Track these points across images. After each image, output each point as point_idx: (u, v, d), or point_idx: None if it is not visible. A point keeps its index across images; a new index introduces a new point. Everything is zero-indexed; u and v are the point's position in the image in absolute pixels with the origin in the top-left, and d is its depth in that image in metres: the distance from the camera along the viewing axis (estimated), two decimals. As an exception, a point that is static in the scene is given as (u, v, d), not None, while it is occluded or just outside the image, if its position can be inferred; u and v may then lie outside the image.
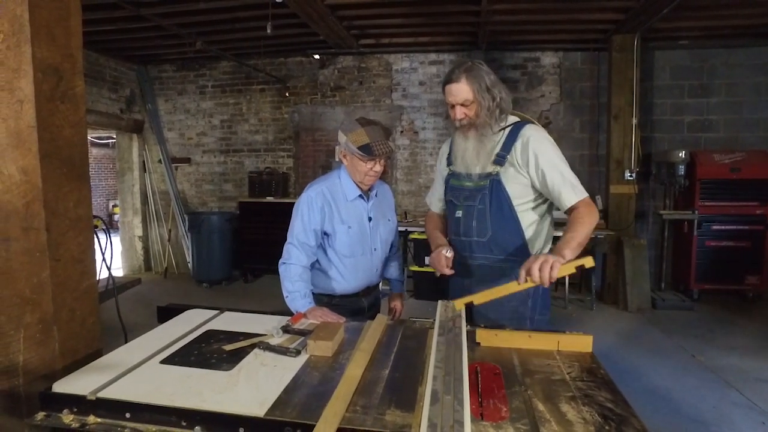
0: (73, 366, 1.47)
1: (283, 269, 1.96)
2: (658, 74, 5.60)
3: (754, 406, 3.12)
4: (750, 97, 5.52)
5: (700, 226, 5.13)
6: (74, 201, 1.57)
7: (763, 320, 4.73)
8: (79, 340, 1.58)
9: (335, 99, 6.46)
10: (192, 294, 5.71)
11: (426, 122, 6.29)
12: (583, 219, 1.68)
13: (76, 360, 1.54)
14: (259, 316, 1.83)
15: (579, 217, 1.69)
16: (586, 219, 1.68)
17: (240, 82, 6.60)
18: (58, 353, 1.48)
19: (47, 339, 1.47)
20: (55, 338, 1.48)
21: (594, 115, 5.73)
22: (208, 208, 6.82)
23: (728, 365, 3.71)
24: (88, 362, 1.40)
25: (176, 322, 1.72)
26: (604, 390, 1.29)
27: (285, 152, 6.65)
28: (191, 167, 6.88)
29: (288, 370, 1.33)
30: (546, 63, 5.86)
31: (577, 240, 1.62)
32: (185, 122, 6.84)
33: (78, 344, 1.57)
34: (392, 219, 2.22)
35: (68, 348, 1.53)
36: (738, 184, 5.08)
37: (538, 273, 1.48)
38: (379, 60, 6.31)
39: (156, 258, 6.98)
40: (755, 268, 5.17)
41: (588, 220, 1.68)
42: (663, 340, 4.24)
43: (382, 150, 1.89)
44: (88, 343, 1.63)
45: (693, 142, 5.53)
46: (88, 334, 1.63)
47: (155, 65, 6.81)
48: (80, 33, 1.63)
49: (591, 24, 4.95)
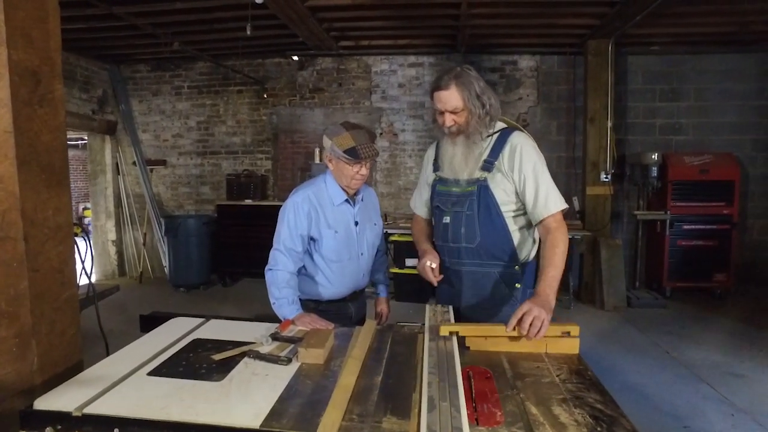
0: (53, 381, 1.42)
1: (269, 276, 1.93)
2: (631, 78, 5.76)
3: (725, 400, 3.23)
4: (717, 102, 5.73)
5: (672, 225, 5.30)
6: (53, 209, 1.51)
7: (730, 316, 4.91)
8: (59, 353, 1.53)
9: (314, 101, 6.43)
10: (169, 299, 5.59)
11: (405, 124, 6.31)
12: (557, 245, 1.69)
13: (56, 374, 1.48)
14: (245, 324, 1.80)
15: (553, 245, 1.70)
16: (560, 245, 1.69)
17: (217, 83, 6.50)
18: (37, 368, 1.43)
19: (25, 353, 1.41)
20: (33, 352, 1.43)
21: (570, 117, 5.85)
22: (184, 211, 6.69)
23: (700, 360, 3.84)
24: (69, 376, 1.36)
25: (161, 331, 1.68)
26: (593, 391, 1.32)
27: (263, 154, 6.57)
28: (167, 169, 6.73)
29: (280, 379, 1.32)
30: (523, 66, 5.96)
31: (558, 278, 1.66)
32: (160, 123, 6.70)
33: (58, 357, 1.52)
34: (378, 223, 2.22)
35: (48, 362, 1.48)
36: (706, 186, 5.27)
37: (528, 327, 1.49)
38: (359, 62, 6.30)
39: (131, 263, 6.80)
40: (723, 266, 5.36)
41: (561, 247, 1.69)
42: (639, 338, 4.36)
43: (368, 153, 1.88)
44: (69, 356, 1.57)
45: (664, 145, 5.71)
46: (69, 347, 1.58)
47: (128, 65, 6.64)
48: (59, 35, 1.58)
49: (567, 29, 5.06)
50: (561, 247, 1.69)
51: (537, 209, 1.75)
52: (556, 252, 1.68)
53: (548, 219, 1.73)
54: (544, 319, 1.50)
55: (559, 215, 1.75)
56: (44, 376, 1.45)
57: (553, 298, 1.61)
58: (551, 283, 1.63)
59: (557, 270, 1.66)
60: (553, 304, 1.58)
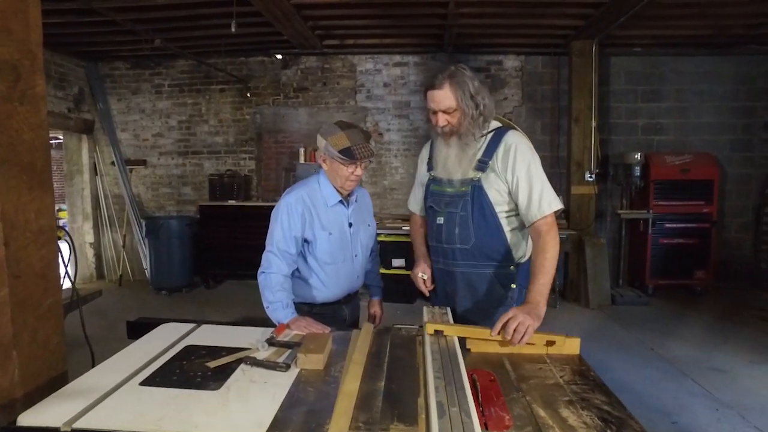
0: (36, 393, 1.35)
1: (262, 279, 1.88)
2: (614, 79, 5.84)
3: (709, 394, 3.29)
4: (695, 103, 5.86)
5: (654, 224, 5.39)
6: (35, 211, 1.44)
7: (711, 312, 5.02)
8: (42, 363, 1.45)
9: (298, 100, 6.35)
10: (151, 302, 5.45)
11: (391, 124, 6.29)
12: (547, 250, 1.67)
13: (38, 386, 1.41)
14: (239, 329, 1.75)
15: (543, 251, 1.68)
16: (549, 251, 1.67)
17: (199, 82, 6.37)
18: (18, 380, 1.35)
19: (5, 365, 1.33)
20: (14, 363, 1.35)
21: (555, 117, 5.90)
22: (165, 212, 6.54)
23: (683, 356, 3.91)
24: (53, 388, 1.28)
25: (151, 338, 1.61)
26: (599, 392, 1.31)
27: (247, 154, 6.47)
28: (147, 170, 6.57)
29: (280, 386, 1.27)
30: (508, 66, 5.99)
31: (549, 285, 1.65)
32: (140, 123, 6.53)
33: (40, 368, 1.44)
34: (372, 224, 2.19)
35: (30, 373, 1.40)
36: (687, 185, 5.38)
37: (512, 333, 1.47)
38: (343, 61, 6.25)
39: (109, 265, 6.62)
40: (703, 263, 5.48)
41: (551, 252, 1.67)
42: (624, 335, 4.42)
43: (364, 153, 1.85)
44: (52, 366, 1.50)
45: (646, 145, 5.81)
46: (52, 356, 1.50)
47: (106, 62, 6.46)
48: (40, 27, 1.50)
49: (552, 29, 5.10)
50: (551, 252, 1.67)
51: (530, 212, 1.73)
52: (546, 258, 1.66)
53: (539, 222, 1.72)
54: (529, 326, 1.48)
55: (550, 218, 1.73)
56: (26, 389, 1.37)
57: (543, 305, 1.59)
58: (541, 289, 1.62)
59: (547, 276, 1.64)
60: (542, 311, 1.57)
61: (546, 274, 1.65)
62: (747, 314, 4.93)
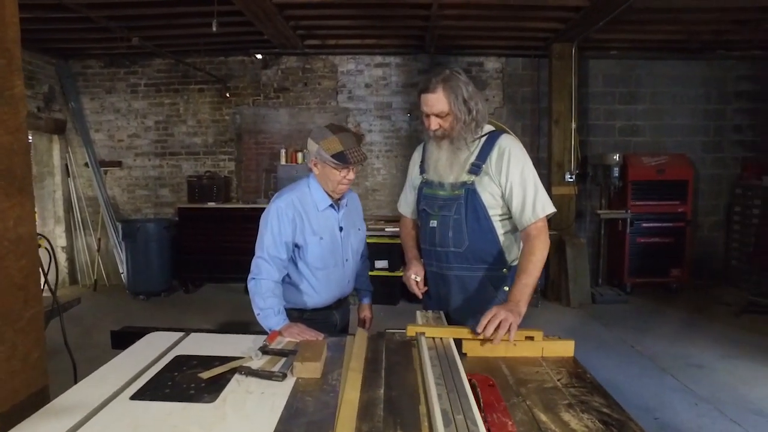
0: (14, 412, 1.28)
1: (252, 285, 1.84)
2: (592, 81, 5.95)
3: (688, 390, 3.38)
4: (669, 106, 6.01)
5: (632, 224, 5.51)
6: (15, 219, 1.37)
7: (686, 309, 5.16)
8: (21, 379, 1.38)
9: (279, 100, 6.27)
10: (128, 307, 5.30)
11: (372, 125, 6.27)
12: (534, 254, 1.69)
13: (16, 404, 1.34)
14: (229, 337, 1.70)
15: (531, 252, 1.70)
16: (538, 253, 1.69)
17: (176, 81, 6.22)
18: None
19: (-17, 380, 1.27)
20: (-8, 379, 1.29)
21: (535, 119, 5.98)
22: (142, 215, 6.37)
23: (662, 353, 4.01)
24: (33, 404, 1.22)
25: (138, 348, 1.56)
26: (597, 395, 1.32)
27: (226, 155, 6.36)
28: (123, 171, 6.39)
29: (277, 396, 1.24)
30: (489, 68, 6.04)
31: (532, 286, 1.67)
32: (115, 123, 6.34)
33: (19, 384, 1.38)
34: (362, 228, 2.17)
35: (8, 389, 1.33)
36: (663, 185, 5.52)
37: (493, 331, 1.49)
38: (324, 61, 6.20)
39: (83, 270, 6.41)
40: (678, 261, 5.64)
41: (538, 255, 1.70)
42: (605, 333, 4.50)
43: (357, 157, 1.83)
44: (32, 382, 1.43)
45: (623, 146, 5.93)
46: (33, 371, 1.44)
47: (78, 60, 6.25)
48: (17, 24, 1.44)
49: (533, 32, 5.16)
50: (537, 255, 1.69)
51: (524, 215, 1.75)
52: (532, 260, 1.68)
53: (531, 226, 1.74)
54: (511, 323, 1.50)
55: (541, 222, 1.75)
56: (4, 407, 1.30)
57: (524, 304, 1.62)
58: (523, 289, 1.64)
59: (531, 278, 1.66)
60: (523, 310, 1.59)
61: (529, 275, 1.67)
62: (720, 311, 5.08)
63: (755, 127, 6.05)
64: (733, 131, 6.07)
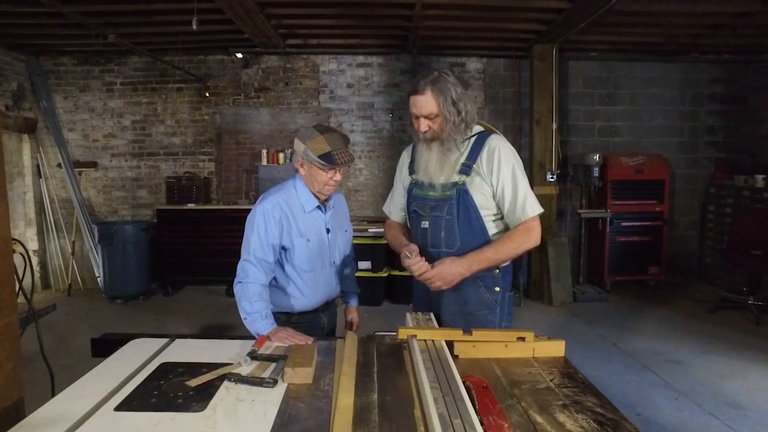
0: (-10, 424, 1.22)
1: (239, 289, 1.80)
2: (572, 82, 6.04)
3: (668, 385, 3.46)
4: (647, 107, 6.15)
5: (612, 223, 5.61)
6: (-12, 222, 1.31)
7: (664, 306, 5.28)
8: (-4, 389, 1.32)
9: (260, 100, 6.19)
10: (105, 312, 5.16)
11: (354, 125, 6.24)
12: (512, 239, 1.76)
13: (-9, 417, 1.28)
14: (215, 342, 1.66)
15: (510, 236, 1.77)
16: (516, 240, 1.76)
17: (154, 80, 6.08)
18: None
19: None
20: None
21: (516, 119, 6.03)
22: (119, 217, 6.20)
23: (643, 349, 4.09)
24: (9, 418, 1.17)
25: (121, 356, 1.50)
26: (589, 394, 1.32)
27: (206, 156, 6.25)
28: (98, 172, 6.21)
29: (269, 403, 1.21)
30: (471, 69, 6.07)
31: (491, 261, 1.74)
32: (90, 122, 6.17)
33: (-6, 396, 1.32)
34: (349, 229, 2.15)
35: (-17, 401, 1.27)
36: (641, 185, 5.64)
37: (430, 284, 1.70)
38: (306, 61, 6.15)
39: (56, 274, 6.21)
40: (656, 259, 5.76)
41: (517, 242, 1.76)
42: (587, 331, 4.57)
43: (344, 158, 1.80)
44: (7, 394, 1.37)
45: (603, 146, 6.04)
46: (7, 383, 1.37)
47: (50, 57, 6.06)
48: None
49: (515, 33, 5.20)
50: (516, 242, 1.75)
51: (515, 214, 1.77)
52: (505, 242, 1.75)
53: (521, 225, 1.76)
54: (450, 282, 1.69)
55: (532, 220, 1.77)
56: (-21, 420, 1.24)
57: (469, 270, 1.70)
58: (480, 258, 1.72)
59: (495, 255, 1.73)
60: (467, 273, 1.70)
61: (496, 252, 1.74)
62: (695, 307, 5.21)
63: (727, 129, 6.23)
64: (707, 132, 6.24)
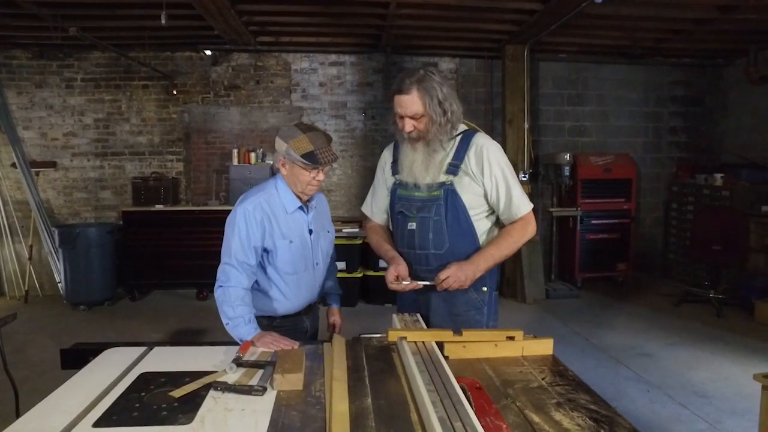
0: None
1: (220, 293, 1.72)
2: (542, 83, 6.15)
3: (640, 378, 3.56)
4: (614, 107, 6.33)
5: (582, 221, 5.75)
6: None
7: (632, 301, 5.45)
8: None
9: (230, 99, 6.05)
10: (67, 320, 4.91)
11: (327, 124, 6.17)
12: (512, 234, 1.80)
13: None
14: (197, 349, 1.60)
15: (508, 232, 1.80)
16: (515, 235, 1.80)
17: (118, 77, 5.84)
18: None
19: None
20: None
21: (488, 119, 6.10)
22: (81, 219, 5.93)
23: (615, 344, 4.20)
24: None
25: (95, 367, 1.41)
26: (581, 392, 1.33)
27: (174, 155, 6.05)
28: (58, 172, 5.92)
29: (260, 412, 1.16)
30: (444, 68, 6.09)
31: (496, 259, 1.78)
32: (47, 120, 5.87)
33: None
34: (331, 230, 2.10)
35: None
36: (610, 183, 5.81)
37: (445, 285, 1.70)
38: (277, 59, 6.04)
39: (12, 280, 5.87)
40: (623, 256, 5.94)
41: (517, 237, 1.80)
42: (560, 328, 4.66)
43: (328, 158, 1.76)
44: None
45: (572, 146, 6.18)
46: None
47: (1, 50, 5.73)
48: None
49: (487, 33, 5.26)
50: (515, 237, 1.78)
51: (510, 211, 1.77)
52: (506, 238, 1.78)
53: (519, 221, 1.78)
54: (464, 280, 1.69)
55: (527, 215, 1.78)
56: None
57: (482, 269, 1.74)
58: (486, 257, 1.75)
59: (498, 251, 1.76)
60: (477, 274, 1.73)
61: (498, 248, 1.77)
62: (661, 301, 5.41)
63: (688, 130, 6.49)
64: (669, 133, 6.48)
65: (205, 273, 5.53)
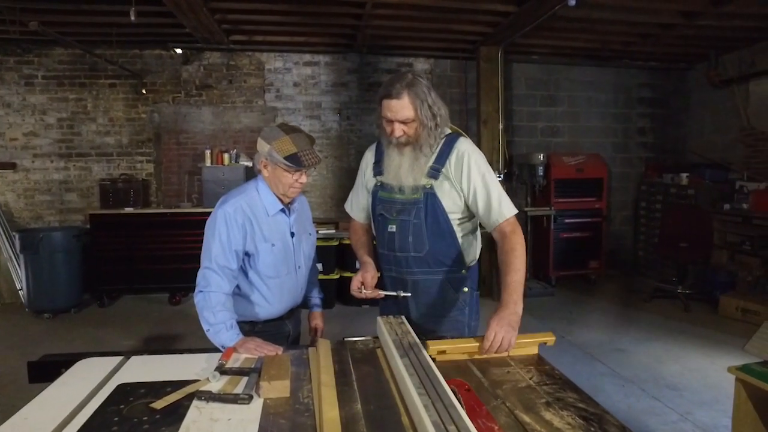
0: None
1: (200, 299, 1.67)
2: (515, 84, 6.25)
3: (615, 373, 3.65)
4: (584, 108, 6.48)
5: (556, 220, 5.86)
6: None
7: (604, 298, 5.59)
8: None
9: (202, 98, 5.91)
10: (30, 328, 4.68)
11: (302, 125, 6.09)
12: (516, 251, 1.66)
13: None
14: (177, 357, 1.54)
15: (512, 249, 1.66)
16: (518, 248, 1.67)
17: (83, 75, 5.63)
18: None
19: None
20: None
21: (463, 120, 6.15)
22: (44, 223, 5.69)
23: (590, 340, 4.29)
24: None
25: (69, 380, 1.34)
26: (569, 390, 1.35)
27: (144, 156, 5.87)
28: (18, 174, 5.66)
29: (247, 421, 1.12)
30: (418, 69, 6.11)
31: (521, 282, 1.64)
32: (5, 119, 5.60)
33: None
34: (312, 233, 2.07)
35: None
36: (582, 183, 5.94)
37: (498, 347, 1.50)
38: (251, 58, 5.94)
39: (-32, 288, 5.59)
40: (596, 254, 6.09)
41: (520, 250, 1.66)
42: (537, 326, 4.72)
43: (311, 160, 1.72)
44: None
45: (545, 146, 6.29)
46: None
47: (-48, 44, 5.46)
48: None
49: (461, 35, 5.29)
50: (519, 250, 1.67)
51: (492, 216, 1.73)
52: (516, 255, 1.65)
53: (503, 224, 1.72)
54: (512, 338, 1.51)
55: (513, 219, 1.75)
56: None
57: (520, 305, 1.59)
58: (515, 287, 1.61)
59: (519, 274, 1.63)
60: (519, 313, 1.58)
61: (517, 271, 1.62)
62: (632, 298, 5.56)
63: (654, 130, 6.70)
64: (638, 134, 6.68)
65: (177, 276, 5.44)
